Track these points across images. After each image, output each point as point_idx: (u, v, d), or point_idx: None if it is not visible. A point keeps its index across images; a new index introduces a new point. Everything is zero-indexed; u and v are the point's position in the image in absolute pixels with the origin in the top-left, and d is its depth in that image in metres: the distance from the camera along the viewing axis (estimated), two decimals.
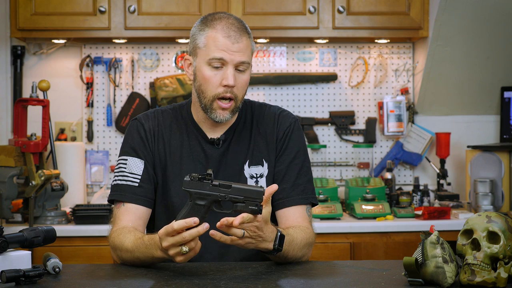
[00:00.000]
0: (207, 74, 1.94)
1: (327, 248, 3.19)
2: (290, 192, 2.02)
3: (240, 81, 1.95)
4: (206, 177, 1.70)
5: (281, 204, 2.02)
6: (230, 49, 1.92)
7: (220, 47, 1.92)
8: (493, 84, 3.77)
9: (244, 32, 1.95)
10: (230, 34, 1.92)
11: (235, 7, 3.47)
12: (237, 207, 1.69)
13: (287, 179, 2.03)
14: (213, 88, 1.95)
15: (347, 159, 3.86)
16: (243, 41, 1.93)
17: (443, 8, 3.43)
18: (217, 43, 1.92)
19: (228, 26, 1.93)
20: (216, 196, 1.70)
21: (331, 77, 3.82)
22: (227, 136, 2.04)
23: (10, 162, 3.07)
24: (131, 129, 2.06)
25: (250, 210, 1.69)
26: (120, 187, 2.00)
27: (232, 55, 1.92)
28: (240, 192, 1.69)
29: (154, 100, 3.73)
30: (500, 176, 3.53)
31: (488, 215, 1.59)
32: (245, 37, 1.94)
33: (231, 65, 1.92)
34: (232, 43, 1.92)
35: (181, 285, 1.61)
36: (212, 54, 1.92)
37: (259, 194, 1.69)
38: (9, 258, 1.64)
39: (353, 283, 1.65)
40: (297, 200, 2.02)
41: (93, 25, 3.46)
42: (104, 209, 3.18)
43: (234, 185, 1.70)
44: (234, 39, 1.92)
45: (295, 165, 2.05)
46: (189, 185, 1.71)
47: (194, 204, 1.71)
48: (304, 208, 2.03)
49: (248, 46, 1.95)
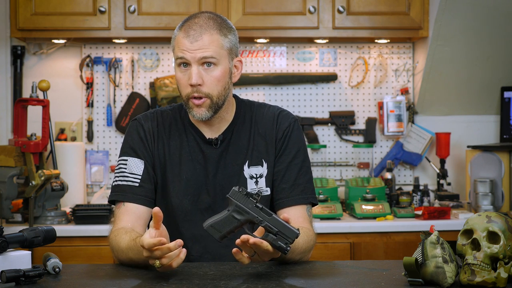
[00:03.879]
0: (177, 75, 1.98)
1: (327, 248, 3.19)
2: (290, 192, 2.02)
3: (209, 78, 1.95)
4: (254, 196, 1.70)
5: (281, 204, 2.02)
6: (189, 48, 1.93)
7: (181, 47, 1.95)
8: (493, 84, 3.77)
9: (209, 29, 1.95)
10: (190, 33, 1.94)
11: (235, 7, 3.47)
12: (267, 237, 1.68)
13: (286, 179, 2.03)
14: (183, 88, 1.97)
15: (347, 159, 3.86)
16: (204, 38, 1.93)
17: (443, 8, 3.43)
18: (179, 43, 1.96)
19: (190, 25, 1.96)
20: (254, 217, 1.70)
21: (331, 77, 3.82)
22: (225, 136, 2.05)
23: (10, 162, 3.07)
24: (131, 129, 2.07)
25: (279, 246, 1.67)
26: (121, 187, 2.00)
27: (193, 53, 1.93)
28: (277, 225, 1.68)
29: (154, 100, 3.73)
30: (500, 176, 3.53)
31: (488, 215, 1.59)
32: (208, 33, 1.94)
33: (194, 64, 1.94)
34: (190, 42, 1.93)
35: (181, 285, 1.61)
36: (176, 55, 1.97)
37: (292, 234, 1.67)
38: (9, 258, 1.64)
39: (353, 283, 1.65)
40: (297, 200, 2.02)
41: (93, 25, 3.46)
42: (104, 209, 3.18)
43: (274, 215, 1.69)
44: (193, 38, 1.93)
45: (295, 165, 2.05)
46: (235, 195, 1.71)
47: (231, 215, 1.71)
48: (304, 208, 2.03)
49: (213, 41, 1.94)
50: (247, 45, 3.82)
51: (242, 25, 3.47)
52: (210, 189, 2.01)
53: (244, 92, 3.82)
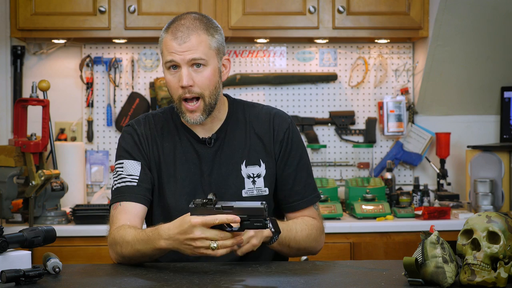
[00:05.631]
0: (168, 78, 1.98)
1: (327, 248, 3.19)
2: (304, 192, 2.07)
3: (200, 78, 1.95)
4: (208, 202, 1.72)
5: (296, 206, 2.07)
6: (178, 50, 1.94)
7: (169, 50, 1.95)
8: (493, 84, 3.77)
9: (197, 29, 1.95)
10: (177, 35, 1.94)
11: (235, 7, 3.47)
12: (244, 226, 1.70)
13: (298, 181, 2.07)
14: (174, 90, 1.97)
15: (347, 159, 3.86)
16: (192, 39, 1.94)
17: (443, 8, 3.43)
18: (167, 46, 1.96)
19: (176, 27, 1.96)
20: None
21: (331, 77, 3.82)
22: (219, 135, 2.05)
23: (10, 162, 3.07)
24: (124, 134, 2.08)
25: (256, 227, 1.70)
26: (120, 189, 2.00)
27: (182, 55, 1.93)
28: (243, 212, 1.70)
29: (154, 100, 3.73)
30: (500, 176, 3.53)
31: (488, 215, 1.59)
32: (195, 34, 1.94)
33: (184, 65, 1.94)
34: (178, 44, 1.94)
35: (181, 285, 1.61)
36: (165, 58, 1.97)
37: (260, 211, 1.70)
38: (9, 258, 1.64)
39: (353, 283, 1.66)
40: (311, 200, 2.08)
41: (93, 25, 3.46)
42: (104, 209, 3.18)
43: (236, 205, 1.71)
44: (181, 39, 1.94)
45: (302, 165, 2.09)
46: (195, 211, 1.72)
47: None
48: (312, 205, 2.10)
49: (201, 42, 1.95)
50: (247, 45, 3.82)
51: (242, 25, 3.47)
52: (206, 188, 2.01)
53: (244, 92, 3.82)
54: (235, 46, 3.82)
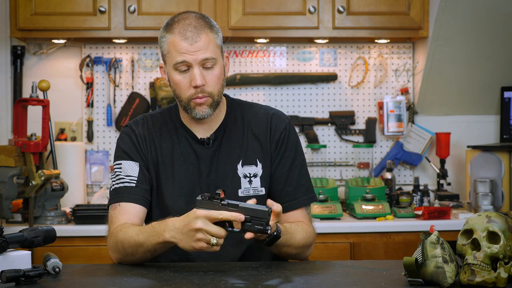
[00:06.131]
0: (177, 79, 1.96)
1: (327, 248, 3.19)
2: (295, 194, 2.05)
3: (211, 77, 1.95)
4: (215, 197, 1.73)
5: (288, 207, 2.04)
6: (189, 50, 1.93)
7: (180, 51, 1.93)
8: (493, 84, 3.77)
9: (204, 28, 1.95)
10: (187, 35, 1.93)
11: (235, 7, 3.47)
12: (244, 226, 1.71)
13: (290, 182, 2.05)
14: (185, 91, 1.96)
15: (347, 159, 3.86)
16: (202, 38, 1.93)
17: (443, 8, 3.43)
18: (177, 47, 1.94)
19: (184, 27, 1.95)
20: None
21: (331, 77, 3.82)
22: (217, 135, 2.05)
23: (10, 162, 3.07)
24: (122, 135, 2.08)
25: (257, 229, 1.71)
26: (118, 190, 2.00)
27: (194, 55, 1.93)
28: (247, 212, 1.71)
29: (154, 100, 3.73)
30: (500, 176, 3.53)
31: (488, 215, 1.59)
32: (204, 33, 1.94)
33: (195, 66, 1.93)
34: (190, 44, 1.93)
35: (181, 285, 1.61)
36: (175, 59, 1.94)
37: (264, 214, 1.70)
38: (9, 258, 1.64)
39: (353, 283, 1.66)
40: (303, 202, 2.06)
41: (93, 25, 3.46)
42: (104, 209, 3.17)
43: (241, 204, 1.72)
44: (191, 39, 1.93)
45: (295, 166, 2.06)
46: (200, 204, 1.73)
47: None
48: (303, 207, 2.07)
49: (210, 41, 1.95)
50: (247, 45, 3.82)
51: (242, 25, 3.47)
52: (204, 189, 2.01)
53: (244, 92, 3.82)
54: (235, 46, 3.82)
